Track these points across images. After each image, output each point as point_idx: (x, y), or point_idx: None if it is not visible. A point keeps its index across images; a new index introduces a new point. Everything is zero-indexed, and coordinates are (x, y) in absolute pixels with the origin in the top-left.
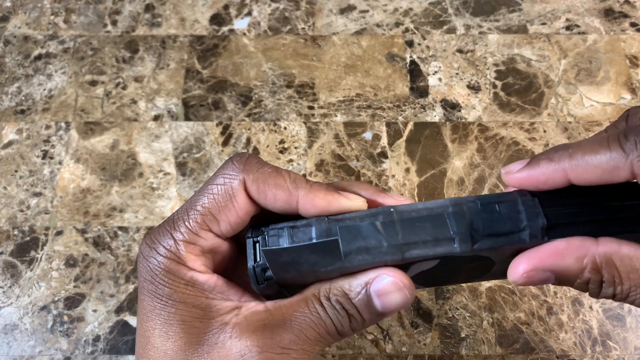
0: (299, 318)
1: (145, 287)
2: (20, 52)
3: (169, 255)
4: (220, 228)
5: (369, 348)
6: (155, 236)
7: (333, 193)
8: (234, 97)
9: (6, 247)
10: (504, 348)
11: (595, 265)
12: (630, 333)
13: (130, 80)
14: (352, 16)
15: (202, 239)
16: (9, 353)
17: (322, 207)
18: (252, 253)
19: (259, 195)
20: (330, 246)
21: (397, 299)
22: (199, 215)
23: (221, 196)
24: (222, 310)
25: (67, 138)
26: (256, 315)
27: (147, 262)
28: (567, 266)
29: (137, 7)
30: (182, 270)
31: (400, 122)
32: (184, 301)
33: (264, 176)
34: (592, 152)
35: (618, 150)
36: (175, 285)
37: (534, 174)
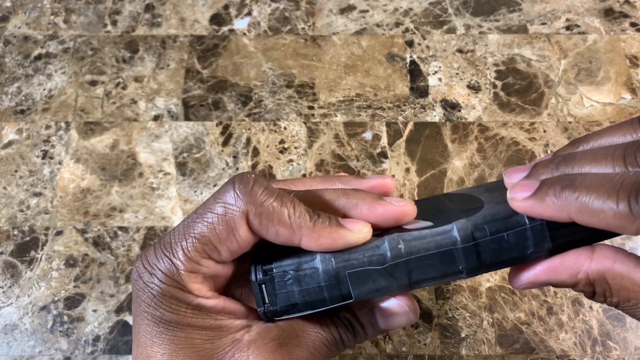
0: (312, 335)
1: (148, 312)
2: (20, 52)
3: (171, 282)
4: (221, 257)
5: (369, 348)
6: (153, 261)
7: (337, 229)
8: (234, 97)
9: (6, 247)
10: (504, 348)
11: (588, 281)
12: (630, 333)
13: (130, 80)
14: (352, 16)
15: (203, 267)
16: (8, 353)
17: (327, 245)
18: (259, 297)
19: (260, 229)
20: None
21: (401, 321)
22: (199, 243)
23: (222, 227)
24: (232, 329)
25: (67, 138)
26: (269, 332)
27: (148, 289)
28: (561, 281)
29: (137, 7)
30: (188, 297)
31: (400, 122)
32: (193, 325)
33: (267, 211)
34: (600, 201)
35: (625, 210)
36: (183, 310)
37: (538, 209)
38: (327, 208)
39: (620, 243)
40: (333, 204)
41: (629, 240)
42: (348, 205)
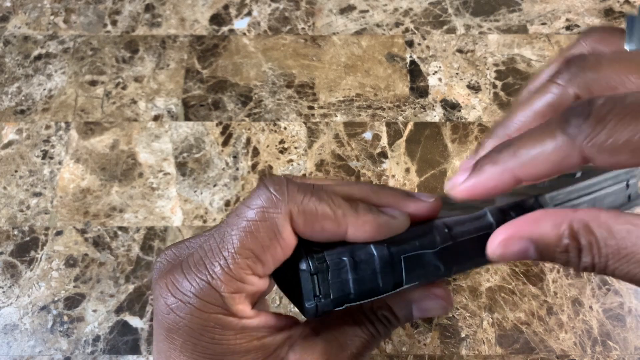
0: (355, 340)
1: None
2: (20, 52)
3: (213, 309)
4: (264, 269)
5: None
6: (185, 287)
7: (380, 215)
8: (233, 97)
9: (6, 247)
10: (504, 348)
11: (573, 231)
12: (630, 333)
13: (130, 80)
14: (352, 16)
15: (247, 285)
16: (8, 353)
17: (373, 234)
18: (310, 288)
19: (305, 228)
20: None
21: (437, 312)
22: (241, 258)
23: (264, 234)
24: (273, 345)
25: (67, 138)
26: (312, 347)
27: (184, 322)
28: (544, 233)
29: (137, 7)
30: (233, 322)
31: (400, 122)
32: (237, 352)
33: (309, 208)
34: (537, 145)
35: (563, 138)
36: (226, 339)
37: (480, 182)
38: None
39: None
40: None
41: None
42: (378, 202)
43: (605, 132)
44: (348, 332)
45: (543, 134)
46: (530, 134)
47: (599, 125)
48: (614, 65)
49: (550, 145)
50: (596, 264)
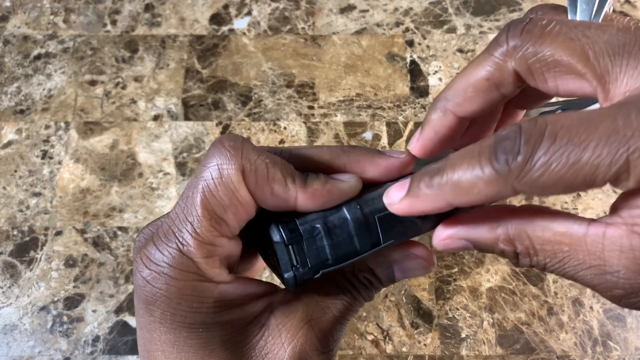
0: (336, 303)
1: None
2: (19, 52)
3: (189, 277)
4: (230, 230)
5: (369, 348)
6: (158, 258)
7: (329, 181)
8: (233, 97)
9: (5, 247)
10: (504, 348)
11: (508, 237)
12: (630, 333)
13: (129, 80)
14: (352, 16)
15: (218, 247)
16: (8, 353)
17: (324, 201)
18: (286, 259)
19: (256, 188)
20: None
21: (419, 272)
22: (205, 220)
23: (222, 191)
24: (254, 312)
25: (66, 138)
26: (293, 311)
27: (160, 292)
28: (480, 236)
29: (137, 6)
30: (209, 288)
31: (400, 122)
32: (218, 321)
33: (261, 168)
34: (469, 176)
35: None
36: (205, 308)
37: (416, 204)
38: (327, 166)
39: None
40: (333, 162)
41: None
42: (349, 161)
43: (534, 171)
44: (329, 296)
45: (473, 165)
46: (461, 161)
47: (528, 164)
48: (556, 42)
49: (481, 180)
50: (534, 264)
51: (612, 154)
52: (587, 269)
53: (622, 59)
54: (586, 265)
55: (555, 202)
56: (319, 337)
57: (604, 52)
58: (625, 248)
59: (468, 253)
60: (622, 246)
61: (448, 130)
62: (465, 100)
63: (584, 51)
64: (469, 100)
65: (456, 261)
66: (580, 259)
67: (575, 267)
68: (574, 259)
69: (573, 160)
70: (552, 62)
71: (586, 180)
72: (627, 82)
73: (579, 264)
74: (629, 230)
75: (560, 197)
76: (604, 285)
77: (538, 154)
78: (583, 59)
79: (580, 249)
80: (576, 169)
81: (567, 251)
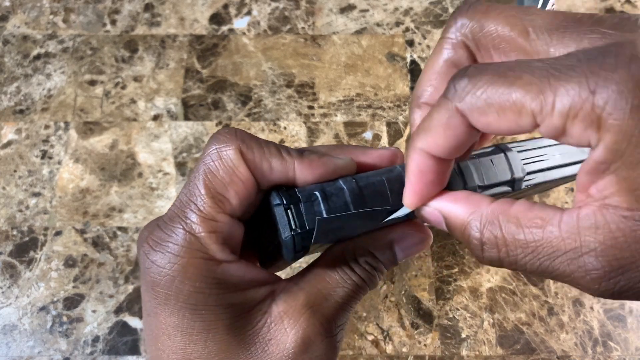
0: (338, 291)
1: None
2: (19, 52)
3: (193, 254)
4: (232, 206)
5: (369, 349)
6: (162, 238)
7: (326, 156)
8: (233, 97)
9: (5, 248)
10: (504, 348)
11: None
12: (631, 333)
13: (129, 80)
14: (352, 15)
15: (220, 223)
16: (7, 354)
17: (320, 172)
18: (285, 221)
19: (255, 164)
20: (379, 214)
21: (419, 249)
22: (207, 198)
23: (222, 171)
24: (256, 299)
25: (66, 138)
26: (296, 299)
27: (164, 271)
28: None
29: (137, 6)
30: (212, 266)
31: (400, 121)
32: (221, 303)
33: (258, 146)
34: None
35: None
36: (208, 288)
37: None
38: None
39: None
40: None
41: None
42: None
43: (475, 91)
44: (331, 283)
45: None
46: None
47: (470, 85)
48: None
49: (437, 111)
50: (503, 258)
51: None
52: (562, 255)
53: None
54: (561, 252)
55: (556, 203)
56: (322, 322)
57: (542, 29)
58: (600, 224)
59: (468, 253)
60: (597, 222)
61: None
62: (434, 89)
63: (525, 28)
64: (436, 88)
65: (456, 261)
66: (554, 246)
67: (550, 256)
68: (548, 247)
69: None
70: (496, 37)
71: (516, 105)
72: None
73: (553, 252)
74: (601, 205)
75: (559, 197)
76: (581, 270)
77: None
78: (524, 34)
79: (554, 235)
80: (508, 93)
81: (541, 240)
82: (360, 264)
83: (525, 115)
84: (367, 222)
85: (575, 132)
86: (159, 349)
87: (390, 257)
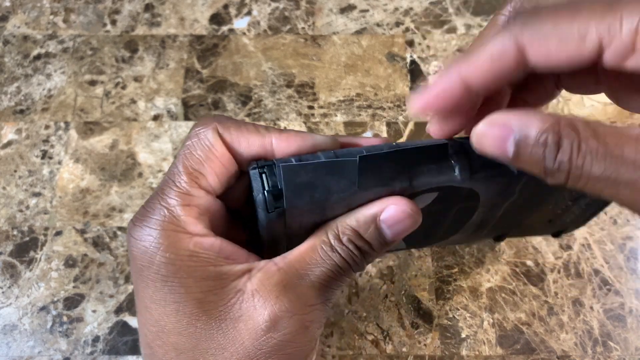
0: (315, 270)
1: (143, 273)
2: (19, 52)
3: (166, 226)
4: (208, 182)
5: (369, 349)
6: (142, 213)
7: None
8: (233, 97)
9: (5, 248)
10: (504, 348)
11: (558, 126)
12: (631, 333)
13: (129, 80)
14: (352, 16)
15: (195, 197)
16: (8, 354)
17: (298, 143)
18: (259, 183)
19: (232, 142)
20: (348, 168)
21: (407, 225)
22: (184, 174)
23: (199, 149)
24: (232, 276)
25: (66, 138)
26: (271, 278)
27: (140, 243)
28: (531, 121)
29: (137, 6)
30: (184, 239)
31: (400, 122)
32: (192, 276)
33: (235, 124)
34: (482, 43)
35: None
36: (179, 259)
37: (432, 91)
38: None
39: (620, 243)
40: None
41: (630, 241)
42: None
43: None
44: (308, 262)
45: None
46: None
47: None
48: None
49: (491, 41)
50: (573, 160)
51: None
52: (631, 163)
53: None
54: (630, 159)
55: None
56: (291, 299)
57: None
58: None
59: (468, 253)
60: None
61: (451, 95)
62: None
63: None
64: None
65: (456, 261)
66: (625, 152)
67: (617, 159)
68: (618, 151)
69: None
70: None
71: (580, 31)
72: None
73: (621, 156)
74: None
75: None
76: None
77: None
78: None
79: (628, 141)
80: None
81: (613, 145)
82: (344, 243)
83: (590, 41)
84: (341, 179)
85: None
86: (140, 322)
87: (376, 235)
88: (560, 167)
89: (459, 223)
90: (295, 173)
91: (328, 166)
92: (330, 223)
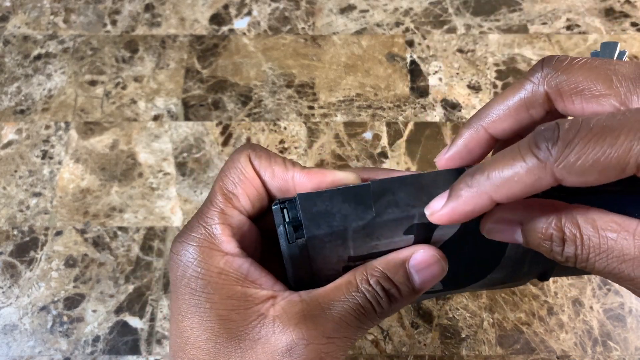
0: (337, 306)
1: (179, 285)
2: (19, 52)
3: (202, 242)
4: (241, 202)
5: (369, 348)
6: (184, 231)
7: (325, 169)
8: (233, 97)
9: (6, 248)
10: (504, 348)
11: (560, 224)
12: (631, 333)
13: (129, 80)
14: (352, 16)
15: (229, 216)
16: (8, 353)
17: (318, 179)
18: (280, 216)
19: (259, 169)
20: (362, 193)
21: (435, 271)
22: (219, 195)
23: (233, 173)
24: (257, 299)
25: (66, 138)
26: (293, 307)
27: (178, 257)
28: (534, 218)
29: (137, 6)
30: (216, 256)
31: (400, 122)
32: (219, 293)
33: (265, 153)
34: (510, 167)
35: (533, 161)
36: (209, 275)
37: (458, 206)
38: None
39: None
40: None
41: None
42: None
43: (573, 154)
44: (331, 298)
45: (514, 157)
46: (502, 157)
47: (567, 148)
48: (583, 70)
49: (522, 168)
50: (578, 255)
51: None
52: (630, 260)
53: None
54: (630, 257)
55: None
56: (309, 329)
57: (625, 77)
58: None
59: None
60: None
61: (477, 146)
62: (498, 118)
63: (608, 76)
64: (500, 118)
65: None
66: (625, 251)
67: (618, 258)
68: (618, 250)
69: (608, 144)
70: (581, 83)
71: (620, 163)
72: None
73: (622, 255)
74: None
75: None
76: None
77: (576, 140)
78: (607, 82)
79: (627, 239)
80: (610, 153)
81: (613, 243)
82: (371, 284)
83: (630, 169)
84: (357, 206)
85: None
86: (170, 333)
87: (404, 279)
88: (568, 260)
89: (492, 257)
90: (312, 202)
91: (343, 193)
92: (358, 267)
